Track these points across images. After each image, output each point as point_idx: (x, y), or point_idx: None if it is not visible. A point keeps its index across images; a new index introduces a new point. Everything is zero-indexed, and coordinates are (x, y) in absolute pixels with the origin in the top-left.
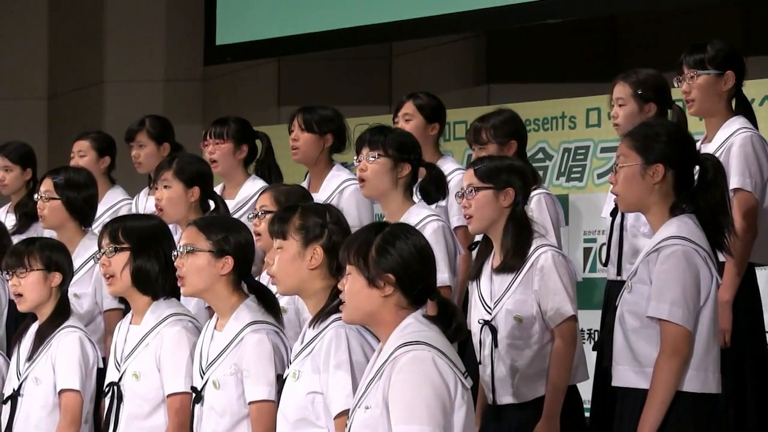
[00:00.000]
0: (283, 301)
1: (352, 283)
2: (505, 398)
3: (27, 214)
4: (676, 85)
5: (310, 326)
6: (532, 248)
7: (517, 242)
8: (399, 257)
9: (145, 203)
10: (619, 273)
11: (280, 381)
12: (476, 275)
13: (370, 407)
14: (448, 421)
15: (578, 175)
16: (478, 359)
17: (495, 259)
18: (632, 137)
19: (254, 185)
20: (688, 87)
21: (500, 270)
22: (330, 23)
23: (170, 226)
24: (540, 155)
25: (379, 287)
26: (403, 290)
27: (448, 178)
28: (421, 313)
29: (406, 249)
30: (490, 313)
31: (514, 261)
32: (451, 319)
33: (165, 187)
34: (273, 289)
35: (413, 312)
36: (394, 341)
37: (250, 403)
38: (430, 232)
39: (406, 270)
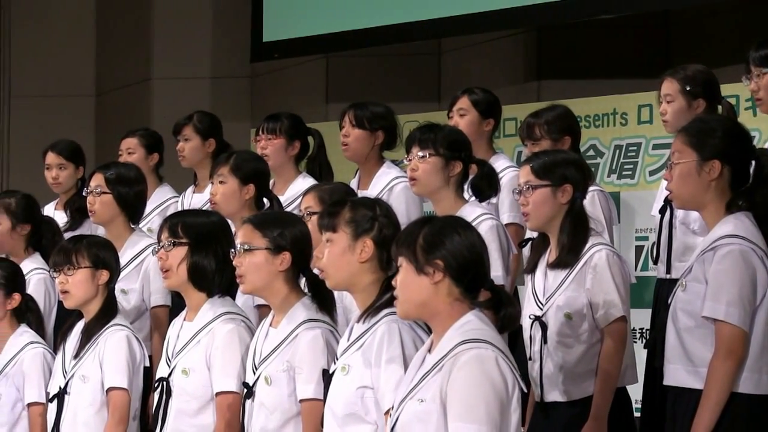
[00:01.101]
0: None
1: (404, 274)
2: (553, 395)
3: (79, 210)
4: (744, 82)
5: (359, 321)
6: (587, 246)
7: (573, 239)
8: (447, 244)
9: (191, 200)
10: (668, 271)
11: (327, 376)
12: (532, 269)
13: (425, 400)
14: (503, 422)
15: (630, 173)
16: (528, 355)
17: (551, 254)
18: (687, 133)
19: (304, 182)
20: (755, 85)
21: (554, 266)
22: (378, 19)
23: None
24: (591, 152)
25: (428, 274)
26: (453, 277)
27: (501, 175)
28: (479, 309)
29: (455, 237)
30: (542, 309)
31: (568, 257)
32: (501, 307)
33: (221, 182)
34: None
35: (468, 304)
36: (453, 337)
37: (301, 400)
38: (485, 230)
39: (454, 256)
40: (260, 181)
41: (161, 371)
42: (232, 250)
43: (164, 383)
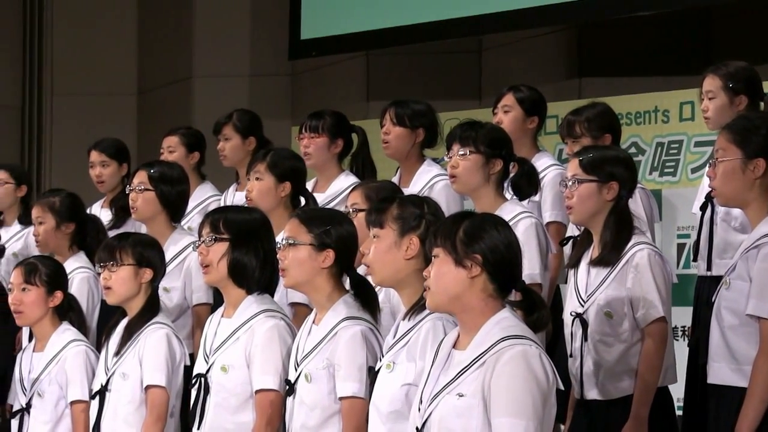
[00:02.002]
0: (378, 298)
1: (440, 265)
2: (592, 393)
3: (123, 208)
4: None
5: (404, 318)
6: (629, 244)
7: (616, 238)
8: (487, 240)
9: (233, 198)
10: (709, 268)
11: (372, 373)
12: (574, 264)
13: (465, 395)
14: (545, 418)
15: (671, 170)
16: (568, 351)
17: (594, 251)
18: (731, 130)
19: (347, 180)
20: None
21: (596, 264)
22: (418, 17)
23: None
24: (633, 150)
25: (467, 267)
26: (490, 274)
27: (544, 173)
28: (510, 301)
29: (494, 234)
30: (583, 306)
31: (610, 256)
32: (533, 309)
33: (257, 179)
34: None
35: (500, 302)
36: (492, 332)
37: (340, 398)
38: (523, 228)
39: (493, 253)
40: (296, 179)
41: (198, 368)
42: (279, 242)
43: (202, 380)
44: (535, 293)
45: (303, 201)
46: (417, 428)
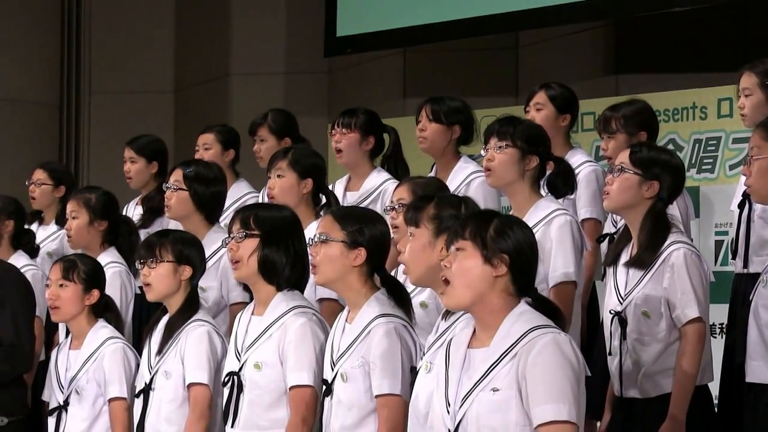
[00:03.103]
0: (424, 296)
1: (465, 259)
2: (631, 392)
3: (152, 209)
4: None
5: (443, 318)
6: (666, 243)
7: (651, 239)
8: (515, 241)
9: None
10: (745, 266)
11: (414, 373)
12: (613, 261)
13: (500, 389)
14: (580, 403)
15: (709, 167)
16: (607, 349)
17: (632, 249)
18: (765, 128)
19: (379, 177)
20: None
21: (631, 265)
22: (455, 13)
23: None
24: (670, 146)
25: (494, 266)
26: (513, 274)
27: (578, 170)
28: (528, 301)
29: (521, 235)
30: (621, 304)
31: (646, 256)
32: (550, 316)
33: (278, 176)
34: (410, 287)
35: (518, 300)
36: (516, 324)
37: (376, 396)
38: (558, 226)
39: (519, 254)
40: (318, 176)
41: (231, 365)
42: (310, 238)
43: (235, 377)
44: (548, 301)
45: (324, 199)
46: (449, 430)
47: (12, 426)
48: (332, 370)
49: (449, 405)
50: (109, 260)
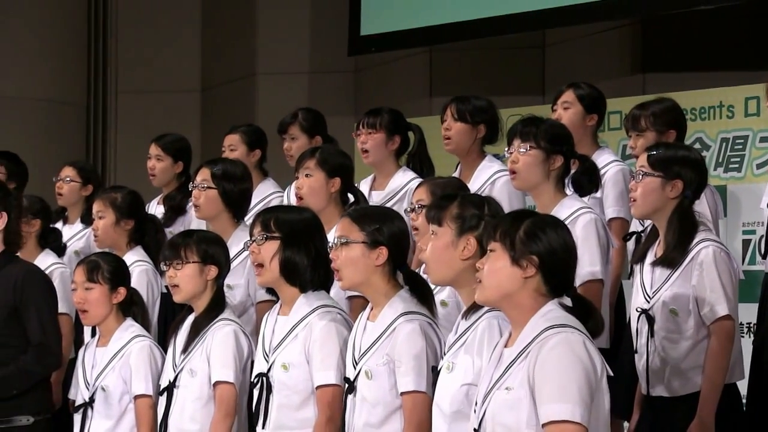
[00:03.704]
0: (444, 294)
1: (495, 260)
2: (658, 390)
3: (173, 208)
4: None
5: (463, 317)
6: (695, 241)
7: (679, 237)
8: (546, 242)
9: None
10: None
11: (435, 373)
12: (640, 259)
13: (513, 388)
14: (594, 404)
15: (737, 166)
16: (635, 347)
17: (658, 248)
18: None
19: (405, 176)
20: None
21: (659, 264)
22: (481, 11)
23: None
24: (697, 145)
25: (522, 267)
26: (544, 276)
27: (605, 170)
28: (560, 301)
29: (554, 236)
30: (649, 302)
31: (673, 255)
32: (586, 316)
33: (306, 175)
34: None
35: (550, 298)
36: (538, 324)
37: (402, 393)
38: (582, 224)
39: (550, 255)
40: (346, 175)
41: (259, 367)
42: (330, 243)
43: (263, 379)
44: (587, 301)
45: (352, 198)
46: (474, 429)
47: (38, 425)
48: (354, 368)
49: (476, 404)
50: (136, 259)
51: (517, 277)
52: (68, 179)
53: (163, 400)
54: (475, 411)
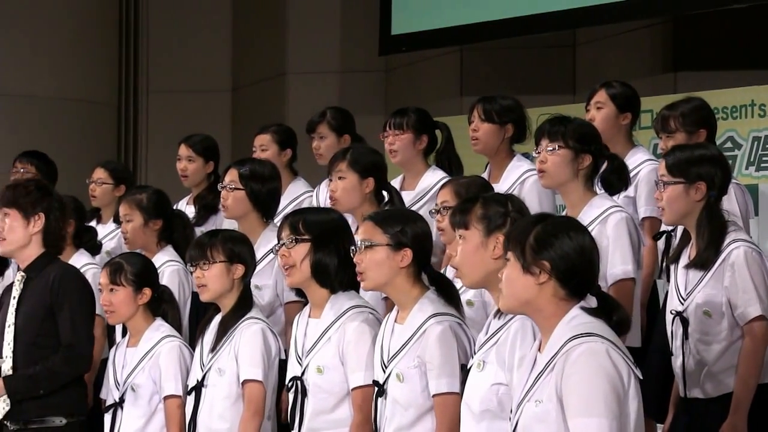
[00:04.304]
0: (470, 294)
1: (510, 270)
2: (694, 391)
3: (206, 207)
4: None
5: (495, 317)
6: (726, 242)
7: (709, 238)
8: (556, 246)
9: (326, 194)
10: None
11: (464, 371)
12: (674, 260)
13: (542, 401)
14: (623, 412)
15: None
16: (670, 349)
17: (691, 249)
18: None
19: (434, 176)
20: None
21: (692, 266)
22: (512, 10)
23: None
24: (729, 144)
25: (534, 274)
26: (559, 280)
27: (638, 169)
28: (583, 305)
29: (566, 241)
30: (683, 304)
31: (706, 255)
32: (612, 313)
33: (340, 178)
34: (458, 284)
35: (573, 302)
36: (561, 333)
37: (434, 395)
38: (614, 223)
39: (562, 259)
40: (379, 174)
41: (293, 370)
42: (353, 247)
43: (298, 382)
44: (610, 298)
45: (387, 196)
46: None
47: (71, 427)
48: (383, 370)
49: (511, 412)
50: (167, 259)
51: (531, 284)
52: (100, 181)
53: (191, 399)
54: (510, 419)
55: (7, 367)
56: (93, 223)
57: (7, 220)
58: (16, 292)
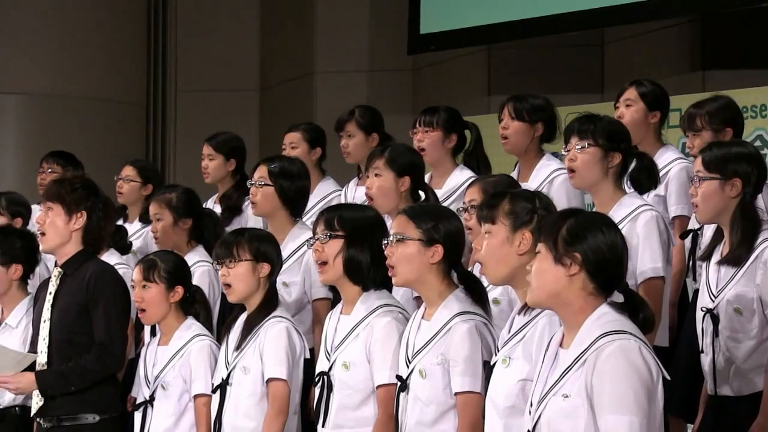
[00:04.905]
0: (496, 292)
1: (541, 262)
2: (724, 389)
3: (230, 208)
4: None
5: (519, 313)
6: (759, 240)
7: (742, 236)
8: (588, 239)
9: (354, 193)
10: None
11: (488, 367)
12: (706, 257)
13: (570, 396)
14: (651, 411)
15: None
16: (700, 347)
17: (724, 247)
18: None
19: (462, 175)
20: None
21: (725, 263)
22: (540, 9)
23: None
24: (758, 143)
25: (565, 265)
26: (589, 273)
27: (668, 167)
28: (611, 301)
29: (599, 236)
30: (713, 302)
31: (738, 253)
32: (638, 311)
33: (376, 175)
34: (485, 282)
35: (601, 298)
36: (592, 329)
37: (456, 393)
38: (644, 221)
39: (594, 252)
40: (415, 173)
41: (321, 365)
42: (385, 241)
43: (324, 377)
44: (637, 295)
45: (423, 195)
46: (528, 431)
47: (104, 424)
48: (407, 366)
49: (531, 405)
50: (198, 259)
51: (561, 275)
52: (128, 178)
53: (216, 397)
54: (530, 412)
55: (42, 360)
56: (119, 222)
57: (49, 214)
58: (52, 288)
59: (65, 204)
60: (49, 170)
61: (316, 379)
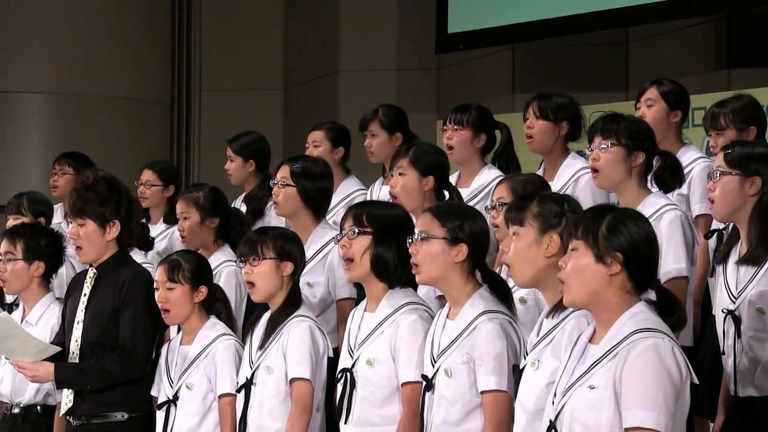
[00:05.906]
0: (523, 291)
1: (579, 258)
2: (748, 390)
3: (253, 211)
4: None
5: (548, 316)
6: None
7: (761, 234)
8: (629, 237)
9: (379, 193)
10: None
11: (517, 371)
12: (723, 259)
13: (596, 387)
14: (677, 412)
15: None
16: (721, 349)
17: (741, 247)
18: None
19: (490, 174)
20: None
21: (743, 262)
22: (565, 9)
23: None
24: None
25: (607, 264)
26: (629, 272)
27: (691, 167)
28: (647, 299)
29: (636, 230)
30: (734, 303)
31: (757, 253)
32: (671, 310)
33: (400, 174)
34: (510, 283)
35: (636, 297)
36: (626, 325)
37: (482, 392)
38: (668, 221)
39: (634, 250)
40: (440, 173)
41: (344, 362)
42: (410, 239)
43: (348, 374)
44: (672, 294)
45: (447, 195)
46: (550, 421)
47: (133, 422)
48: (433, 365)
49: (555, 396)
50: (224, 259)
51: (602, 274)
52: (149, 183)
53: (240, 396)
54: (553, 403)
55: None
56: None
57: (81, 230)
58: (87, 289)
59: (96, 218)
60: (61, 171)
61: (339, 376)
